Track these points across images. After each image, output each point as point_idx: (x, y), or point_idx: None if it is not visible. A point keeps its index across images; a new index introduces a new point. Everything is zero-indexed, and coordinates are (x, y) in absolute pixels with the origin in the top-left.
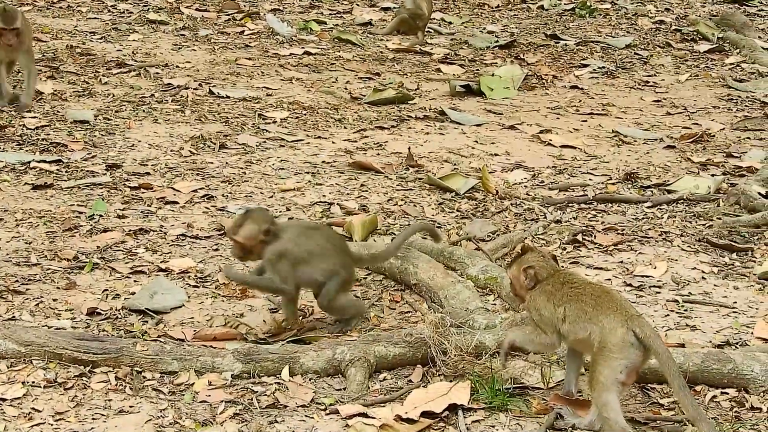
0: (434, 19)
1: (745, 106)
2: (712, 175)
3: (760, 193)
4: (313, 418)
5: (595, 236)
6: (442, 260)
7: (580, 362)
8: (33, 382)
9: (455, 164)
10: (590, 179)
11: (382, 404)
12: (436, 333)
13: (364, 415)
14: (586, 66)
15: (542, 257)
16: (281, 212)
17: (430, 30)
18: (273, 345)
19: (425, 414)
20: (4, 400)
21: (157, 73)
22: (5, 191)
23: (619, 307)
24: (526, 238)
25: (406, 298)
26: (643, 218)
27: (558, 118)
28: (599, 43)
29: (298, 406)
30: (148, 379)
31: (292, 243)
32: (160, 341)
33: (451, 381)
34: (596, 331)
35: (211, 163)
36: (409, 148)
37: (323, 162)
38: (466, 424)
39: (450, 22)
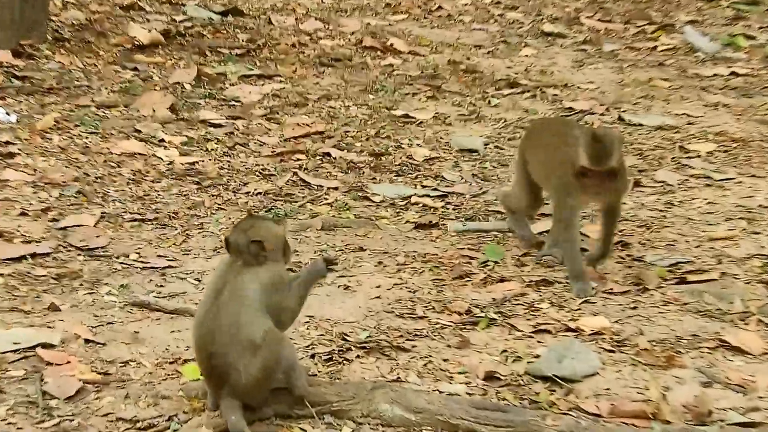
0: None
1: None
2: None
3: None
4: None
5: None
6: None
7: None
8: None
9: None
10: None
11: None
12: None
13: None
14: None
15: None
16: (711, 265)
17: None
18: (711, 427)
19: None
20: None
21: (556, 95)
22: (384, 230)
23: None
24: None
25: None
26: None
27: None
28: None
29: None
30: None
31: None
32: (572, 415)
33: None
34: None
35: (624, 203)
36: None
37: (760, 206)
38: None
39: None
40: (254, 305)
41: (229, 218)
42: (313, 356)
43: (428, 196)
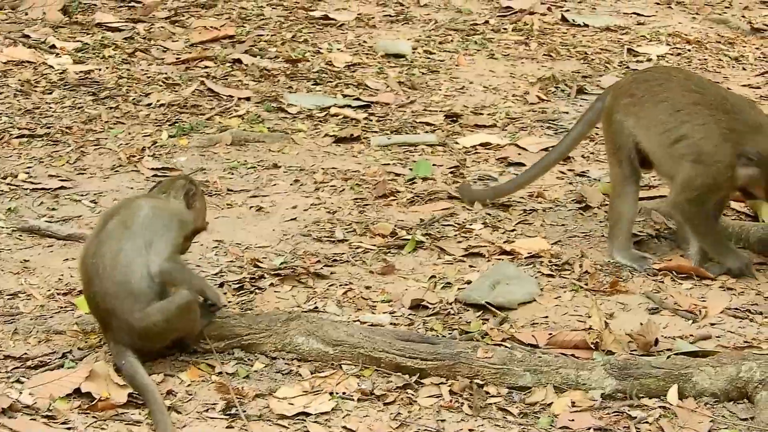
0: None
1: None
2: None
3: None
4: None
5: None
6: None
7: None
8: (344, 393)
9: None
10: None
11: None
12: None
13: None
14: None
15: None
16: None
17: None
18: (657, 357)
19: None
20: (307, 414)
21: None
22: (301, 144)
23: None
24: None
25: None
26: None
27: None
28: None
29: None
30: (492, 395)
31: None
32: (507, 346)
33: None
34: None
35: (566, 112)
36: None
37: None
38: None
39: None
40: (140, 237)
41: (129, 133)
42: (222, 285)
43: (349, 106)
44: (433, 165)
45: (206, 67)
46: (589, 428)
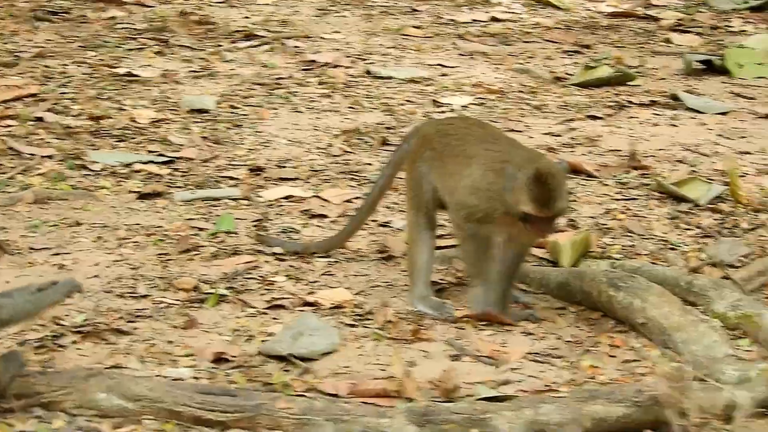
0: None
1: None
2: None
3: None
4: None
5: None
6: (679, 292)
7: None
8: None
9: (693, 165)
10: None
11: None
12: (672, 389)
13: None
14: None
15: None
16: None
17: None
18: (458, 403)
19: None
20: None
21: (297, 46)
22: (104, 201)
23: None
24: None
25: (630, 341)
26: None
27: None
28: None
29: None
30: None
31: None
32: (308, 397)
33: None
34: None
35: (370, 164)
36: (631, 145)
37: None
38: None
39: None
40: None
41: None
42: (22, 344)
43: (153, 162)
44: (237, 219)
45: (8, 125)
46: None
